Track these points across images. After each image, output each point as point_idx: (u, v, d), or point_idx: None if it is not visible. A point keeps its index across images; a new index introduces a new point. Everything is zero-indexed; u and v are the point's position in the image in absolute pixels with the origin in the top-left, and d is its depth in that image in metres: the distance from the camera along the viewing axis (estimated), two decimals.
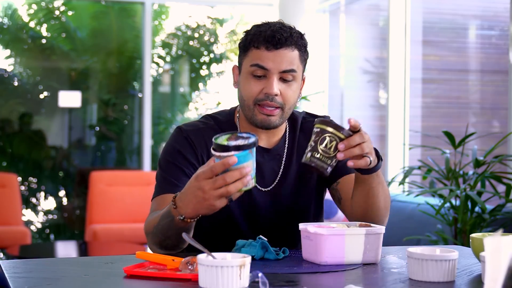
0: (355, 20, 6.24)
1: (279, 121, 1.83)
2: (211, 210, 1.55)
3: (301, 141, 1.93)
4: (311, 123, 1.93)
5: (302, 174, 1.92)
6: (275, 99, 1.80)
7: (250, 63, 1.81)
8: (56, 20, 6.98)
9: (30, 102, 6.91)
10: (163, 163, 1.86)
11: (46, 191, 6.89)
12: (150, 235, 1.73)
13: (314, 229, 1.60)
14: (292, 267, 1.57)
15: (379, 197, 1.76)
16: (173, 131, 1.90)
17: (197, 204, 1.54)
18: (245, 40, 1.86)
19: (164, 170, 1.84)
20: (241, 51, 1.87)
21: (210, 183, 1.50)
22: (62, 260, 1.75)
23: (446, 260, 1.41)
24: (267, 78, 1.80)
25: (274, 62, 1.79)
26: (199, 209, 1.55)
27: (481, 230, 3.50)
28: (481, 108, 5.30)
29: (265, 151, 1.90)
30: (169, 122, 7.29)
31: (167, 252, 1.73)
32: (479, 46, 5.35)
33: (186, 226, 1.62)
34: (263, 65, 1.79)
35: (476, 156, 3.57)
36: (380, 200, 1.77)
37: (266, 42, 1.80)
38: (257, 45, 1.81)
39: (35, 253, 4.82)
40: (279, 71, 1.80)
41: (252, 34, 1.84)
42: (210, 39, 7.33)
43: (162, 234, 1.68)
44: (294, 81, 1.83)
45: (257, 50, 1.81)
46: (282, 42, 1.80)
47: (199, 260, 1.30)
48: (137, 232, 5.73)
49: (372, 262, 1.62)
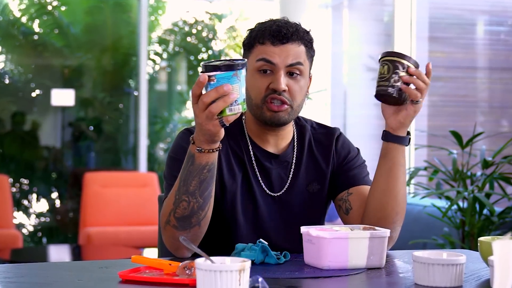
0: (358, 16, 6.24)
1: (288, 117, 1.85)
2: (211, 135, 1.60)
3: (311, 152, 1.95)
4: (322, 135, 1.97)
5: (310, 183, 1.93)
6: (283, 95, 1.82)
7: (256, 58, 1.83)
8: (48, 15, 6.98)
9: (22, 101, 6.91)
10: (172, 163, 1.86)
11: (38, 192, 6.89)
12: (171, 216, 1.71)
13: (317, 232, 1.60)
14: (294, 271, 1.57)
15: (399, 182, 1.80)
16: (180, 132, 1.91)
17: (200, 131, 1.61)
18: (249, 37, 1.88)
19: (176, 170, 1.83)
20: (245, 50, 1.89)
21: (196, 107, 1.58)
22: (55, 264, 1.75)
23: (453, 264, 1.41)
24: (274, 74, 1.82)
25: (280, 57, 1.82)
26: (205, 135, 1.61)
27: (489, 233, 3.50)
28: (489, 107, 5.30)
29: (273, 157, 1.91)
30: (166, 121, 7.30)
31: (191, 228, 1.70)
32: (488, 43, 5.35)
33: (208, 162, 1.65)
34: (270, 59, 1.81)
35: (484, 157, 3.57)
36: (400, 187, 1.81)
37: (272, 37, 1.82)
38: (262, 40, 1.83)
39: (27, 257, 4.82)
40: (285, 65, 1.82)
41: (256, 30, 1.86)
42: (208, 35, 7.33)
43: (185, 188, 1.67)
44: (301, 76, 1.85)
45: (262, 46, 1.83)
46: (288, 36, 1.82)
47: (197, 264, 1.30)
48: (132, 235, 5.73)
49: (376, 266, 1.62)
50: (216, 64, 1.53)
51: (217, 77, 1.53)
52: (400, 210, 1.82)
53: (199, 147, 1.64)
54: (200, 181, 1.66)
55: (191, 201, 1.69)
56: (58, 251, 5.38)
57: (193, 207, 1.69)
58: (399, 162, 1.80)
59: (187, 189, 1.68)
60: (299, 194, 1.92)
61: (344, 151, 1.97)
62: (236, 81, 1.54)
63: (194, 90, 1.56)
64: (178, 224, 1.71)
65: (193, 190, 1.67)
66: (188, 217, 1.70)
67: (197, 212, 1.70)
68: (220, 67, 1.53)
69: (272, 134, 1.91)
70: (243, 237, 1.86)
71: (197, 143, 1.64)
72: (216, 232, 1.85)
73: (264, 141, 1.92)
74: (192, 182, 1.67)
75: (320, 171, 1.94)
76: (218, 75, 1.53)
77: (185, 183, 1.68)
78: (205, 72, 1.54)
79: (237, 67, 1.53)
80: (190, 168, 1.66)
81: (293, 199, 1.91)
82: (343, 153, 1.97)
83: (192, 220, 1.70)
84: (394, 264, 1.69)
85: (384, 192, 1.81)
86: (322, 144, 1.97)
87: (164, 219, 1.74)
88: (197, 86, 1.55)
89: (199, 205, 1.69)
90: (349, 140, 2.01)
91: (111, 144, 7.14)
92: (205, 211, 1.71)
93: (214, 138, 1.61)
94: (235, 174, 1.88)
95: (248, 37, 1.88)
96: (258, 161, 1.90)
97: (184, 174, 1.68)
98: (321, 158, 1.95)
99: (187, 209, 1.69)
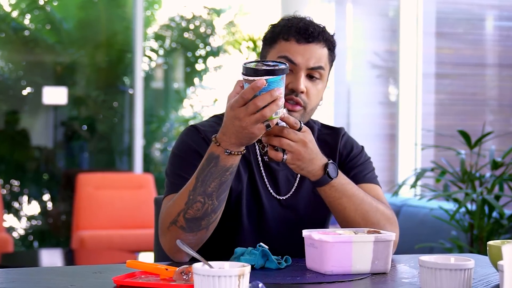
0: (363, 10, 6.24)
1: (299, 119, 1.84)
2: (252, 138, 1.62)
3: None
4: (328, 136, 1.99)
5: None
6: (300, 96, 1.84)
7: (278, 55, 1.85)
8: (40, 10, 6.98)
9: (12, 99, 6.91)
10: (177, 160, 1.87)
11: (30, 194, 6.89)
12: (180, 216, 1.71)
13: (319, 236, 1.60)
14: (295, 277, 1.57)
15: (348, 211, 1.79)
16: (186, 129, 1.92)
17: (238, 133, 1.61)
18: (272, 32, 1.89)
19: (180, 167, 1.84)
20: (266, 44, 1.90)
21: (243, 110, 1.58)
22: (46, 269, 1.76)
23: (462, 269, 1.41)
24: (294, 74, 1.84)
25: (303, 57, 1.83)
26: (241, 138, 1.62)
27: (499, 237, 3.50)
28: (499, 105, 5.30)
29: None
30: (162, 120, 7.30)
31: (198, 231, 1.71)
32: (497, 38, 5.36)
33: (233, 164, 1.66)
34: (292, 59, 1.83)
35: (494, 157, 3.57)
36: (350, 214, 1.79)
37: (298, 34, 1.84)
38: (287, 37, 1.85)
39: (18, 262, 4.82)
40: (307, 68, 1.84)
41: (281, 25, 1.87)
42: (206, 30, 7.33)
43: (203, 189, 1.68)
44: (321, 80, 1.87)
45: (286, 42, 1.85)
46: (315, 36, 1.84)
47: (194, 269, 1.30)
48: (127, 239, 5.73)
49: (381, 271, 1.62)
50: (269, 69, 1.57)
51: (269, 81, 1.56)
52: (376, 223, 1.80)
53: (228, 149, 1.65)
54: (220, 183, 1.68)
55: (206, 203, 1.70)
56: (50, 256, 5.38)
57: (207, 209, 1.70)
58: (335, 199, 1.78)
59: (204, 190, 1.68)
60: (305, 197, 1.93)
61: (346, 149, 1.99)
62: (282, 84, 1.59)
63: (248, 94, 1.56)
64: (187, 225, 1.71)
65: (211, 192, 1.68)
66: (199, 219, 1.70)
67: (210, 214, 1.71)
68: (274, 71, 1.57)
69: None
70: (246, 241, 1.86)
71: (225, 145, 1.65)
72: (217, 234, 1.85)
73: None
74: (212, 184, 1.68)
75: None
76: (270, 79, 1.56)
77: (203, 183, 1.68)
78: (253, 75, 1.57)
79: (285, 71, 1.59)
80: (212, 169, 1.67)
81: (299, 202, 1.93)
82: (345, 151, 1.98)
83: (202, 222, 1.71)
84: (400, 269, 1.70)
85: (346, 224, 1.81)
86: (328, 146, 1.98)
87: (170, 219, 1.74)
88: (252, 90, 1.56)
89: (213, 208, 1.70)
90: (352, 138, 2.02)
91: (105, 144, 7.14)
92: (216, 215, 1.72)
93: (252, 141, 1.64)
94: (240, 174, 1.88)
95: (271, 32, 1.89)
96: (265, 163, 1.92)
97: (203, 175, 1.68)
98: None
99: (200, 210, 1.70)
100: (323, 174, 1.74)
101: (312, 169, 1.73)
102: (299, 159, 1.70)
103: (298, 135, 1.68)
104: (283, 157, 1.69)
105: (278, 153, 1.69)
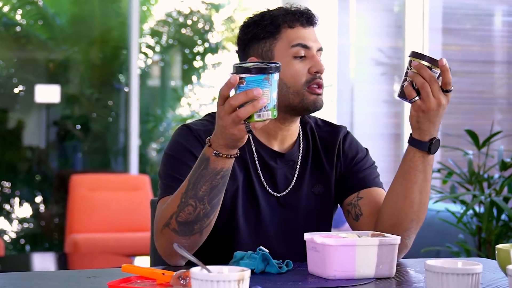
0: (367, 6, 6.24)
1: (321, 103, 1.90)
2: (234, 140, 1.61)
3: (316, 151, 1.97)
4: (326, 133, 1.99)
5: (317, 185, 1.94)
6: (322, 77, 1.89)
7: (291, 44, 1.87)
8: (32, 5, 6.98)
9: (4, 97, 6.91)
10: (170, 161, 1.87)
11: (21, 196, 6.88)
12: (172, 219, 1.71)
13: (322, 240, 1.60)
14: (297, 281, 1.57)
15: (415, 188, 1.80)
16: (178, 129, 1.92)
17: (222, 134, 1.61)
18: (270, 24, 1.89)
19: (173, 168, 1.85)
20: (267, 37, 1.90)
21: (222, 108, 1.58)
22: (39, 274, 1.76)
23: (469, 274, 1.41)
24: (309, 58, 1.88)
25: (312, 40, 1.90)
26: (226, 139, 1.61)
27: (508, 240, 3.50)
28: (507, 104, 5.30)
29: (278, 155, 1.93)
30: (159, 120, 7.29)
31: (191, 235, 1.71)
32: (506, 35, 5.36)
33: (223, 168, 1.65)
34: (306, 44, 1.88)
35: (503, 158, 3.57)
36: (416, 193, 1.80)
37: (302, 18, 1.89)
38: (291, 24, 1.88)
39: (9, 266, 4.82)
40: (317, 49, 1.90)
41: (281, 15, 1.90)
42: (204, 26, 7.33)
43: (194, 192, 1.67)
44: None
45: (293, 30, 1.89)
46: (314, 19, 1.91)
47: (192, 274, 1.30)
48: (123, 242, 5.73)
49: (386, 276, 1.62)
50: (247, 66, 1.55)
51: (247, 79, 1.55)
52: (416, 218, 1.82)
53: (217, 151, 1.64)
54: (211, 187, 1.67)
55: (197, 207, 1.69)
56: (42, 260, 5.38)
57: (199, 213, 1.69)
58: (416, 167, 1.80)
59: (195, 194, 1.68)
60: (304, 196, 1.93)
61: (352, 151, 1.98)
62: (267, 86, 1.56)
63: (223, 91, 1.57)
64: (179, 229, 1.71)
65: (202, 196, 1.68)
66: (191, 223, 1.70)
67: (202, 219, 1.70)
68: (251, 69, 1.55)
69: (279, 133, 1.92)
70: (243, 242, 1.86)
71: (215, 146, 1.64)
72: (213, 237, 1.85)
73: (270, 138, 1.92)
74: (203, 187, 1.67)
75: (323, 172, 1.95)
76: (248, 78, 1.55)
77: (194, 186, 1.68)
78: (236, 73, 1.56)
79: (270, 70, 1.56)
80: (203, 171, 1.66)
81: (298, 201, 1.92)
82: (350, 154, 1.98)
83: (194, 226, 1.71)
84: (405, 274, 1.70)
85: (398, 196, 1.81)
86: (326, 143, 1.98)
87: (163, 221, 1.74)
88: (226, 87, 1.57)
89: (205, 212, 1.69)
90: (357, 140, 2.02)
91: (99, 144, 7.14)
92: (210, 219, 1.71)
93: (236, 143, 1.62)
94: (235, 173, 1.88)
95: (269, 25, 1.89)
96: (262, 160, 1.91)
97: (195, 177, 1.68)
98: (324, 158, 1.96)
99: (192, 214, 1.69)
100: (431, 141, 1.77)
101: (427, 128, 1.75)
102: (425, 111, 1.72)
103: (440, 93, 1.71)
104: (414, 97, 1.71)
105: (413, 91, 1.71)
